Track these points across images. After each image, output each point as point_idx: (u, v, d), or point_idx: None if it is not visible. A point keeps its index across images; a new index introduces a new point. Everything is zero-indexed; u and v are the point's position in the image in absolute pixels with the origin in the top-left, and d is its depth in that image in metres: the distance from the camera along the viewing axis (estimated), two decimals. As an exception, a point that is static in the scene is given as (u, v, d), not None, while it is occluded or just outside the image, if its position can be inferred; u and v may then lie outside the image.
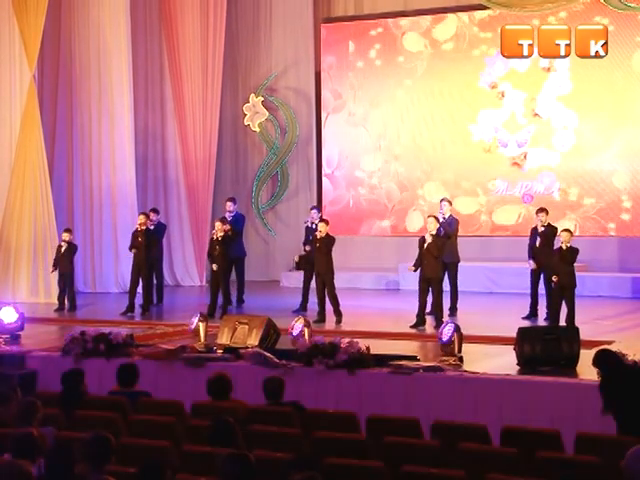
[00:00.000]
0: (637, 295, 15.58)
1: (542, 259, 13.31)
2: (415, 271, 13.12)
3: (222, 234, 14.14)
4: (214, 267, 14.18)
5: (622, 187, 17.05)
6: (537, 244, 13.43)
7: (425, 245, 12.87)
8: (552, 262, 12.70)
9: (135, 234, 14.76)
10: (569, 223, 16.43)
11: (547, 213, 13.63)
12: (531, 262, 13.41)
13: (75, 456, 5.51)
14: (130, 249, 14.90)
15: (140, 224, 14.75)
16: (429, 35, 18.49)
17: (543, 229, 13.46)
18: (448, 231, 13.67)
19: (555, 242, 13.15)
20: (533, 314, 13.38)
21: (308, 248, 14.27)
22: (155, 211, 16.00)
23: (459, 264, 14.02)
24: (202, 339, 10.88)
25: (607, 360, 7.40)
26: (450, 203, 14.36)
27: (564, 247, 12.41)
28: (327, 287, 13.41)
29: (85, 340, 10.36)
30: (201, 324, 11.01)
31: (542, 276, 13.40)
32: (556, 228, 13.48)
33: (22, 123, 16.83)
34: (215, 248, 14.14)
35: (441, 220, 13.58)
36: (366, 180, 19.08)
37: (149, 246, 14.77)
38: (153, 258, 15.44)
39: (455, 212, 14.96)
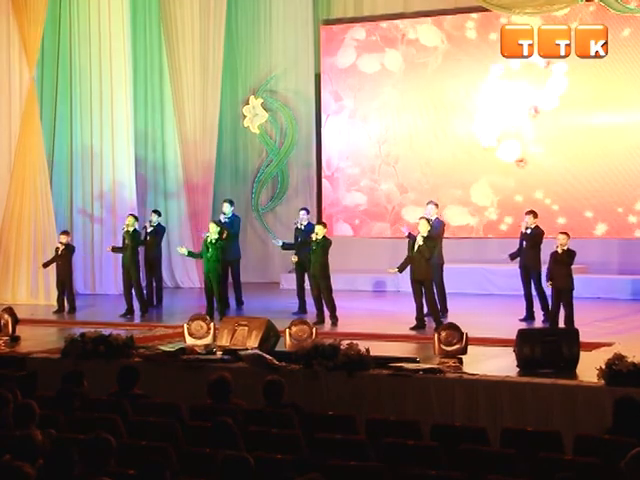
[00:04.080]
0: (637, 297, 15.59)
1: (528, 261, 13.36)
2: (400, 272, 13.20)
3: (216, 237, 14.10)
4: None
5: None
6: (523, 246, 13.47)
7: (416, 247, 12.88)
8: (536, 264, 12.76)
9: (123, 235, 14.86)
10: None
11: (535, 216, 13.63)
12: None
13: (74, 458, 5.51)
14: (113, 250, 15.22)
15: (127, 225, 14.82)
16: (429, 37, 18.48)
17: (529, 231, 13.48)
18: (432, 234, 13.68)
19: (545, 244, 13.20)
20: (530, 316, 13.40)
21: (294, 258, 14.35)
22: (156, 212, 16.01)
23: (452, 266, 14.13)
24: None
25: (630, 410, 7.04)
26: (437, 206, 14.38)
27: (560, 250, 12.40)
28: (323, 292, 13.44)
29: (85, 342, 10.36)
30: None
31: (532, 279, 13.42)
32: (543, 231, 13.52)
33: (22, 124, 16.85)
34: (207, 249, 14.13)
35: None
36: (366, 182, 19.07)
37: (134, 247, 14.83)
38: (153, 260, 15.49)
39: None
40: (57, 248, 15.32)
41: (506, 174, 17.86)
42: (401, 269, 13.25)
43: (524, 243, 13.53)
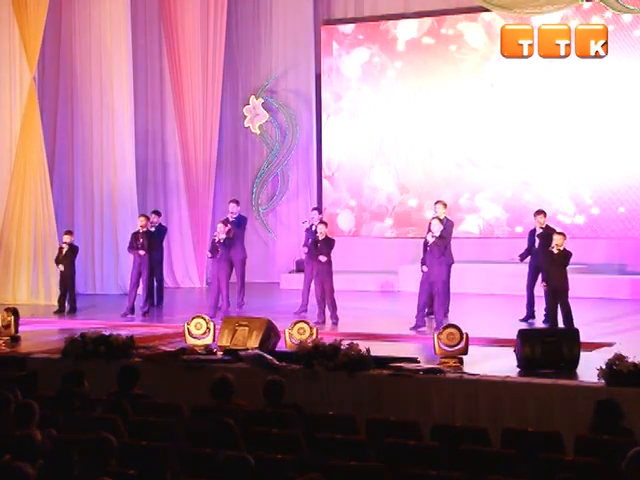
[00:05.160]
0: (636, 297, 15.58)
1: (541, 261, 13.38)
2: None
3: (224, 236, 14.19)
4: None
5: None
6: (536, 246, 13.50)
7: (428, 247, 12.90)
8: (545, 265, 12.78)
9: (136, 236, 14.82)
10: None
11: (545, 215, 13.68)
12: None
13: (74, 458, 5.51)
14: (129, 250, 15.01)
15: (141, 226, 14.83)
16: (430, 37, 18.48)
17: (541, 231, 13.51)
18: (443, 233, 13.67)
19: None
20: (531, 316, 13.40)
21: (305, 250, 14.30)
22: (157, 213, 16.02)
23: (455, 265, 14.05)
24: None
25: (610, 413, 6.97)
26: (445, 205, 14.36)
27: (555, 251, 12.43)
28: (326, 292, 13.44)
29: (85, 342, 10.36)
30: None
31: (540, 278, 13.44)
32: (554, 230, 13.54)
33: (22, 125, 16.84)
34: (217, 249, 14.19)
35: None
36: (366, 182, 19.06)
37: (149, 248, 14.83)
38: (154, 260, 15.47)
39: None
40: (61, 248, 15.31)
41: (507, 172, 17.88)
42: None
43: (536, 243, 13.54)
